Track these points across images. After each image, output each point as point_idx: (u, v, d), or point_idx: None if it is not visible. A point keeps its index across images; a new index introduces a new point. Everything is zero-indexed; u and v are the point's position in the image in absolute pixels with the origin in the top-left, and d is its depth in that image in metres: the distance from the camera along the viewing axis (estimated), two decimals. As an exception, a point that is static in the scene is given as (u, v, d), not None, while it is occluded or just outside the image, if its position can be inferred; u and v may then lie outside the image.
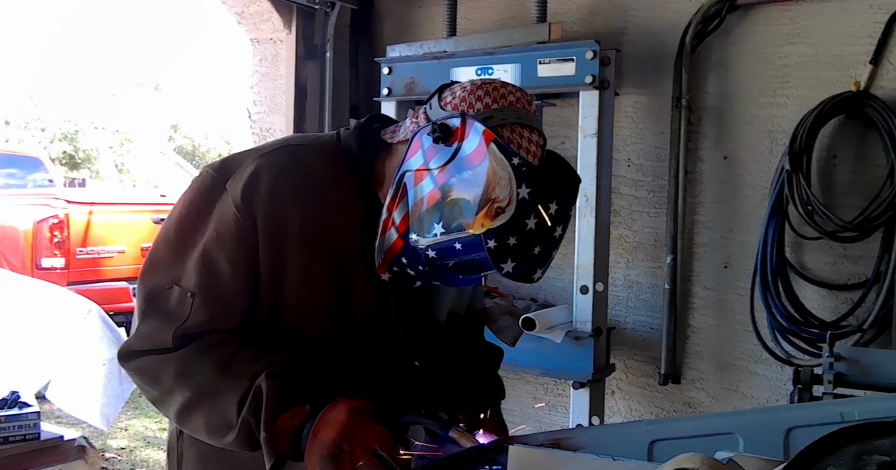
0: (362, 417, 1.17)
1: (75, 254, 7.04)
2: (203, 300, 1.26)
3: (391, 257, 1.27)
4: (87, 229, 7.18)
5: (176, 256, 1.29)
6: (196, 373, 1.24)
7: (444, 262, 1.23)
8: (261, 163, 1.30)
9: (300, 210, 1.29)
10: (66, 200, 7.20)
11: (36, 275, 6.39)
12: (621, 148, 2.89)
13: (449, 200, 1.18)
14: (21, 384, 3.24)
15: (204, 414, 1.24)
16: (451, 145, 1.19)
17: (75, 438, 3.13)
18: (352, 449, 1.14)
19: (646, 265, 2.91)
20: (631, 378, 2.96)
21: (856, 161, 2.54)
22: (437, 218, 1.19)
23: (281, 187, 1.28)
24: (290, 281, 1.29)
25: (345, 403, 1.19)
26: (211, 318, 1.27)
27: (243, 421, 1.19)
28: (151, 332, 1.28)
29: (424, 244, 1.21)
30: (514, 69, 2.71)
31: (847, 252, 2.55)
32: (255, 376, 1.20)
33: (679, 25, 2.75)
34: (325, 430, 1.15)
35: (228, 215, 1.26)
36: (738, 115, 2.73)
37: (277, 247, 1.27)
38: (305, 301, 1.31)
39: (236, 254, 1.27)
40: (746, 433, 1.14)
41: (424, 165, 1.22)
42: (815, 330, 2.53)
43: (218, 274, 1.27)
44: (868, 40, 2.48)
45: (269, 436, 1.17)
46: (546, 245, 1.19)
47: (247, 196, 1.26)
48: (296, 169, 1.31)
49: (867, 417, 1.07)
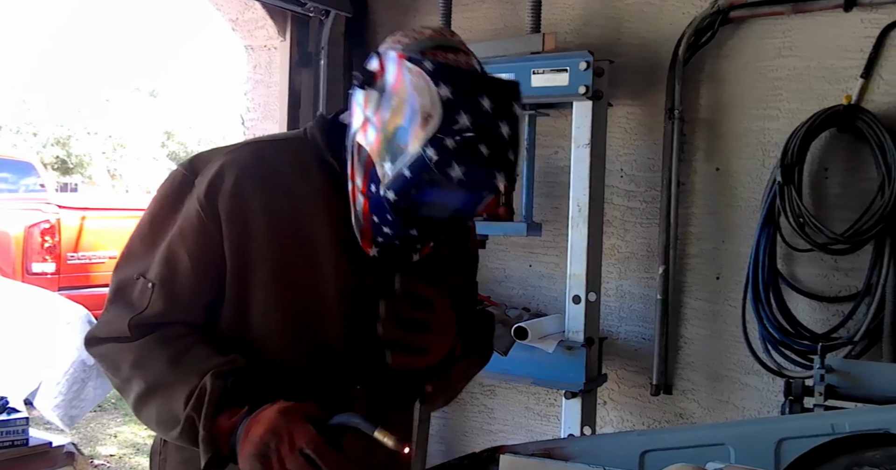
0: (292, 417, 1.15)
1: (66, 259, 7.01)
2: (161, 292, 1.29)
3: (367, 224, 1.26)
4: (79, 235, 7.15)
5: (146, 249, 1.33)
6: (150, 364, 1.27)
7: (406, 202, 1.20)
8: (226, 161, 1.32)
9: (265, 206, 1.29)
10: (57, 205, 7.17)
11: (26, 280, 6.36)
12: (614, 158, 2.90)
13: (390, 134, 1.17)
14: (10, 390, 3.22)
15: (156, 406, 1.26)
16: (376, 85, 1.20)
17: (64, 444, 3.10)
18: (278, 447, 1.13)
19: (638, 276, 2.91)
20: (623, 388, 2.96)
21: (847, 174, 2.56)
22: (385, 158, 1.18)
23: (244, 185, 1.29)
24: (258, 276, 1.30)
25: (280, 404, 1.18)
26: (166, 309, 1.30)
27: (187, 417, 1.20)
28: (112, 319, 1.32)
29: (383, 190, 1.19)
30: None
31: (838, 264, 2.56)
32: (205, 374, 1.21)
33: (672, 37, 2.77)
34: (255, 428, 1.15)
35: (192, 212, 1.29)
36: (730, 128, 2.75)
37: (242, 243, 1.29)
38: (273, 296, 1.31)
39: (197, 249, 1.29)
40: (738, 444, 1.15)
41: (364, 118, 1.22)
42: (806, 342, 2.53)
43: (178, 267, 1.29)
44: (859, 54, 2.50)
45: (206, 434, 1.18)
46: (494, 145, 1.15)
47: (210, 194, 1.28)
48: (261, 165, 1.32)
49: (858, 429, 1.08)
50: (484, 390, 3.25)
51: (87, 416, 4.43)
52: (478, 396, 3.27)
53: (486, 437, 3.24)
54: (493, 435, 3.23)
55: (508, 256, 3.17)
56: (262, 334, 1.32)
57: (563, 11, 3.02)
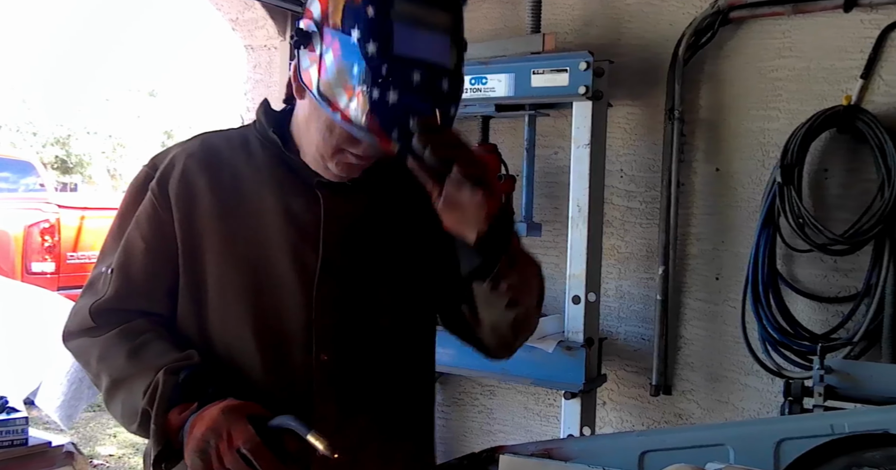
0: (234, 416, 1.17)
1: (66, 258, 7.02)
2: (117, 276, 1.35)
3: (369, 119, 1.15)
4: (79, 234, 7.16)
5: (114, 244, 1.39)
6: (112, 359, 1.31)
7: (382, 48, 1.13)
8: (177, 152, 1.39)
9: (211, 185, 1.34)
10: (57, 205, 7.17)
11: (26, 279, 6.36)
12: (614, 159, 2.90)
13: (342, 19, 1.15)
14: (9, 389, 3.22)
15: (121, 401, 1.30)
16: (313, 39, 1.19)
17: (63, 444, 3.10)
18: (217, 445, 1.15)
19: (638, 276, 2.91)
20: (622, 389, 2.96)
21: (847, 174, 2.56)
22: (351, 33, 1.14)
23: (191, 168, 1.35)
24: (208, 251, 1.33)
25: (226, 402, 1.20)
26: (122, 293, 1.35)
27: (143, 411, 1.23)
28: (79, 310, 1.38)
29: (363, 50, 1.13)
30: (507, 79, 2.72)
31: (838, 265, 2.56)
32: (160, 369, 1.24)
33: (672, 38, 2.77)
34: (199, 425, 1.17)
35: (147, 201, 1.35)
36: (730, 128, 2.75)
37: (191, 220, 1.33)
38: (226, 267, 1.33)
39: (150, 233, 1.34)
40: (737, 445, 1.15)
41: (316, 57, 1.19)
42: (805, 342, 2.54)
43: (133, 252, 1.35)
44: (859, 55, 2.50)
45: (157, 428, 1.21)
46: (430, 49, 1.15)
47: (162, 183, 1.34)
48: (207, 151, 1.39)
49: (857, 430, 1.08)
50: (483, 391, 3.25)
51: (87, 415, 4.44)
52: (477, 396, 3.27)
53: (486, 437, 3.25)
54: (493, 435, 3.23)
55: (508, 256, 3.16)
56: (220, 313, 1.33)
57: (563, 12, 3.02)
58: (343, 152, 1.28)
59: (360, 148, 1.26)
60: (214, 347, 1.33)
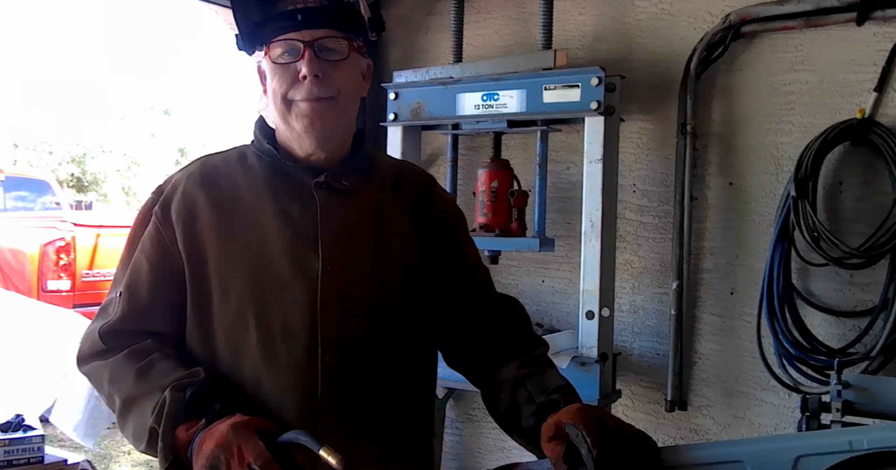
0: (243, 431, 1.17)
1: (81, 276, 7.07)
2: (125, 297, 1.39)
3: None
4: (94, 252, 7.21)
5: (123, 270, 1.44)
6: (122, 380, 1.34)
7: None
8: (178, 176, 1.46)
9: (211, 200, 1.40)
10: (73, 223, 7.24)
11: (42, 297, 6.41)
12: (627, 174, 2.90)
13: None
14: (26, 407, 3.24)
15: (132, 421, 1.31)
16: None
17: (79, 461, 3.12)
18: (228, 461, 1.15)
19: (652, 291, 2.90)
20: (637, 404, 2.94)
21: (862, 188, 2.55)
22: None
23: (191, 187, 1.41)
24: (211, 260, 1.37)
25: (234, 418, 1.21)
26: (130, 313, 1.39)
27: (150, 430, 1.25)
28: (89, 333, 1.42)
29: None
30: (519, 95, 2.73)
31: (854, 279, 2.54)
32: (167, 387, 1.26)
33: (684, 52, 2.77)
34: (208, 441, 1.18)
35: (151, 225, 1.42)
36: (743, 142, 2.74)
37: (193, 233, 1.38)
38: (229, 273, 1.36)
39: (154, 254, 1.39)
40: (754, 462, 1.13)
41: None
42: (822, 357, 2.51)
43: (139, 274, 1.40)
44: (872, 68, 2.49)
45: (164, 446, 1.23)
46: None
47: (165, 206, 1.41)
48: (205, 170, 1.45)
49: (876, 447, 1.06)
50: (497, 407, 3.23)
51: (101, 433, 4.44)
52: (491, 412, 3.25)
53: (500, 454, 3.23)
54: (507, 452, 3.21)
55: (521, 271, 3.16)
56: (225, 320, 1.36)
57: (574, 28, 3.03)
58: (293, 104, 1.37)
59: (303, 90, 1.36)
60: (220, 353, 1.35)
